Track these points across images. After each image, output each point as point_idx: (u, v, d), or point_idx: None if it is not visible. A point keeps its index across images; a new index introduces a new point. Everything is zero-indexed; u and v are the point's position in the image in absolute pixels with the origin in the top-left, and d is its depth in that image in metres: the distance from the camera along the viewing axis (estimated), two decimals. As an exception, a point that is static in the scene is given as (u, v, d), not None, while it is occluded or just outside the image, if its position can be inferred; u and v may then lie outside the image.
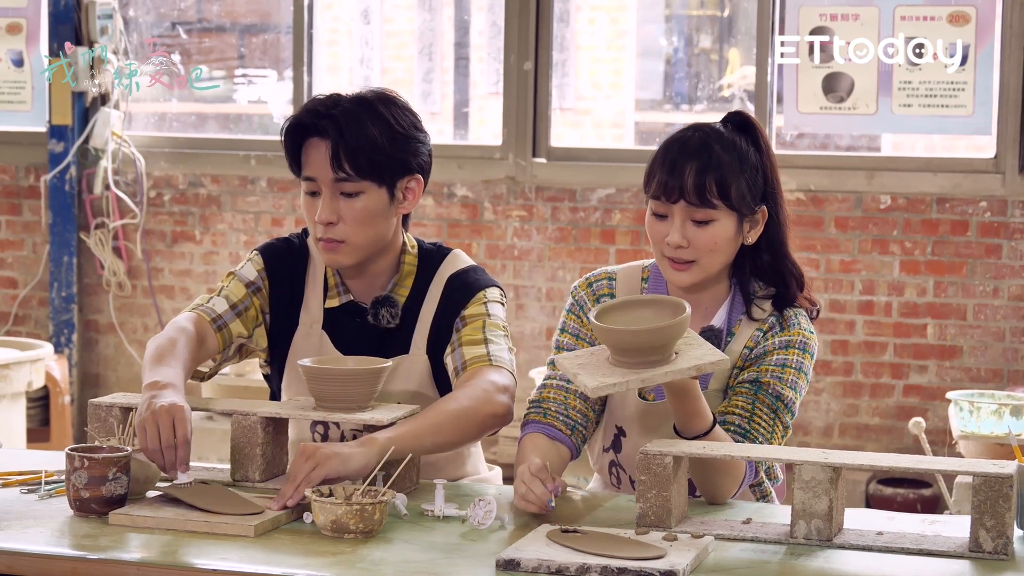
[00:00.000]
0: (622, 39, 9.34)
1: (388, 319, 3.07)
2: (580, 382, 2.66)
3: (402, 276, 3.10)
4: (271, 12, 7.48)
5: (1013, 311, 6.00)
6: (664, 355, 2.66)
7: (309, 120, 3.00)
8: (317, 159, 2.99)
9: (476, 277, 3.11)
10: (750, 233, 2.92)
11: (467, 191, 6.51)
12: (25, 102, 6.94)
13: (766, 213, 2.93)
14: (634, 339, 2.64)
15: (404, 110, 3.04)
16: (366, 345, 3.07)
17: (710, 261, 2.89)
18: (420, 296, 3.10)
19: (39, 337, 6.90)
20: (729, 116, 2.97)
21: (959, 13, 5.90)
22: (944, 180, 6.03)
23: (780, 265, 2.96)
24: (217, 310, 3.06)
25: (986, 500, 2.49)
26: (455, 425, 2.88)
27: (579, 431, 2.95)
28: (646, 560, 2.37)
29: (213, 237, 6.82)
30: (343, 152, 2.96)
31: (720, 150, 2.87)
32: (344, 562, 2.41)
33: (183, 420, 2.67)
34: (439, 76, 9.42)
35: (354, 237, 3.00)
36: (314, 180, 3.00)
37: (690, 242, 2.87)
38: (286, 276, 3.14)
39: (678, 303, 2.70)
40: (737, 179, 2.86)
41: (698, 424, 2.76)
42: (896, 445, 6.07)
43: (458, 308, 3.06)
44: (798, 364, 2.91)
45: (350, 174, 2.97)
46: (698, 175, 2.84)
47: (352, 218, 2.99)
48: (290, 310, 3.14)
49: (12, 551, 2.48)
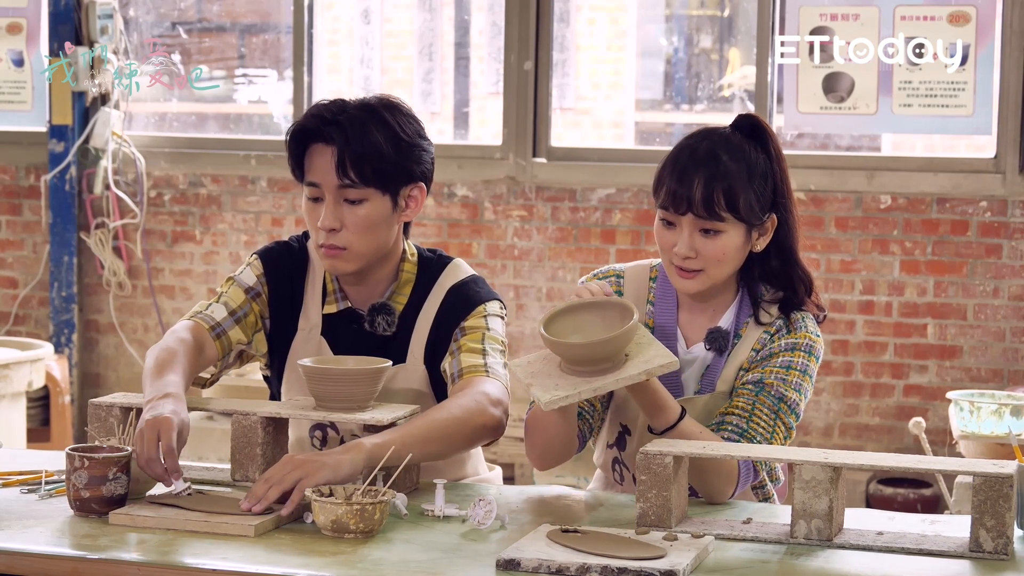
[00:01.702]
0: (622, 39, 9.34)
1: (384, 327, 3.06)
2: (533, 395, 2.69)
3: (400, 284, 3.09)
4: (271, 12, 7.48)
5: (1013, 311, 6.00)
6: (615, 361, 2.69)
7: (314, 126, 2.97)
8: (321, 165, 2.97)
9: (477, 289, 3.09)
10: (759, 241, 2.91)
11: (467, 191, 6.51)
12: (25, 102, 6.94)
13: (775, 221, 2.92)
14: (583, 351, 2.68)
15: (409, 117, 3.03)
16: (362, 353, 3.04)
17: (718, 271, 2.89)
18: (418, 305, 3.08)
19: (39, 337, 6.90)
20: (739, 120, 2.95)
21: (959, 13, 5.90)
22: (944, 180, 6.03)
23: (789, 270, 2.95)
24: (216, 317, 3.05)
25: (986, 500, 2.49)
26: (444, 435, 2.83)
27: (585, 419, 2.95)
28: (646, 560, 2.37)
29: (213, 237, 6.82)
30: (348, 159, 2.94)
31: (729, 160, 2.85)
32: (344, 562, 2.41)
33: (168, 430, 2.64)
34: (439, 76, 9.42)
35: (356, 244, 2.99)
36: (317, 186, 2.98)
37: (698, 252, 2.86)
38: (285, 281, 3.13)
39: (626, 306, 2.71)
40: (746, 190, 2.85)
41: (663, 417, 2.78)
42: (896, 445, 6.07)
43: (458, 319, 3.04)
44: (803, 367, 2.90)
45: (354, 181, 2.95)
46: (706, 187, 2.82)
47: (355, 225, 2.97)
48: (289, 315, 3.13)
49: (12, 551, 2.48)
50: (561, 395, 2.66)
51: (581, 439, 2.96)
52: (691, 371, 2.95)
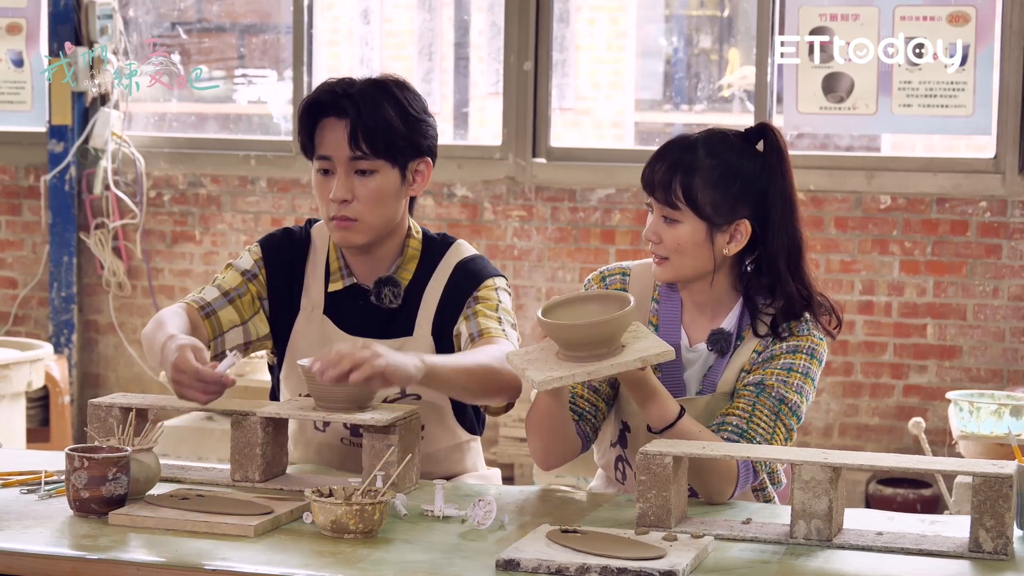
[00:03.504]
0: (622, 39, 9.34)
1: (391, 298, 3.11)
2: (528, 377, 2.70)
3: (406, 260, 3.15)
4: (271, 12, 7.48)
5: (1013, 311, 6.00)
6: (611, 348, 2.70)
7: (327, 99, 3.05)
8: (333, 138, 3.04)
9: (483, 265, 3.18)
10: (728, 245, 2.91)
11: (467, 191, 6.51)
12: (25, 102, 6.94)
13: (748, 229, 2.90)
14: (578, 333, 2.69)
15: (415, 94, 3.12)
16: (369, 327, 3.10)
17: (680, 261, 2.90)
18: (423, 280, 3.14)
19: (39, 337, 6.90)
20: (754, 127, 2.97)
21: (959, 13, 5.90)
22: (944, 180, 6.03)
23: (784, 287, 2.91)
24: (207, 298, 3.12)
25: (986, 500, 2.49)
26: (483, 376, 2.90)
27: (587, 419, 2.96)
28: (646, 560, 2.37)
29: (213, 237, 6.82)
30: (361, 131, 3.02)
31: (704, 155, 2.88)
32: (344, 562, 2.42)
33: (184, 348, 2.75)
34: (439, 76, 9.42)
35: (367, 216, 3.05)
36: (329, 159, 3.06)
37: (660, 238, 2.89)
38: (286, 263, 3.18)
39: (624, 297, 2.74)
40: (710, 187, 2.86)
41: (661, 415, 2.78)
42: (896, 445, 6.07)
43: (468, 291, 3.12)
44: (805, 369, 2.90)
45: (366, 153, 3.03)
46: (667, 172, 2.87)
47: (366, 196, 3.05)
48: (290, 296, 3.18)
49: (12, 551, 2.48)
50: (555, 376, 2.66)
51: (585, 439, 2.96)
52: (693, 370, 2.95)
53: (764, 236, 2.91)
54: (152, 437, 2.78)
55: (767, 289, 2.93)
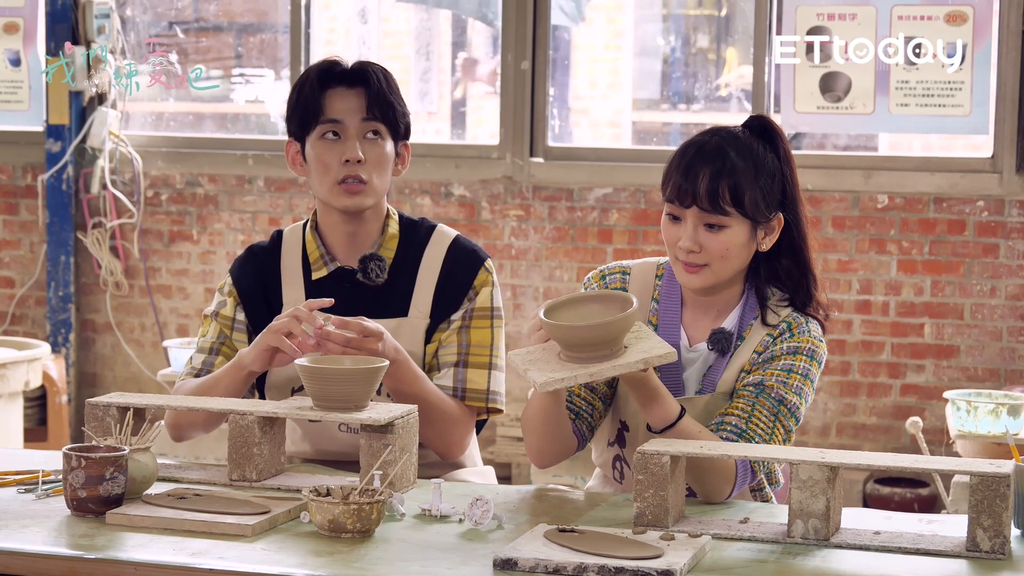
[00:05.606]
0: (619, 39, 9.34)
1: (377, 272, 3.18)
2: (530, 378, 2.70)
3: (387, 238, 3.24)
4: (268, 12, 7.48)
5: (1010, 310, 6.00)
6: (613, 349, 2.70)
7: (339, 70, 3.17)
8: (344, 105, 3.15)
9: (474, 247, 3.27)
10: (764, 240, 2.92)
11: (464, 191, 6.51)
12: (22, 101, 6.94)
13: (782, 220, 2.93)
14: (582, 334, 2.69)
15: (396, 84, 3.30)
16: (360, 307, 3.14)
17: (721, 266, 2.89)
18: (412, 260, 3.21)
19: (36, 337, 6.90)
20: (750, 120, 2.97)
21: (956, 13, 5.90)
22: (941, 179, 6.04)
23: (800, 270, 2.96)
24: (197, 365, 3.23)
25: (983, 499, 2.49)
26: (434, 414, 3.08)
27: (584, 418, 2.96)
28: (643, 560, 2.37)
29: (210, 237, 6.82)
30: (377, 98, 3.15)
31: (736, 156, 2.87)
32: (341, 562, 2.41)
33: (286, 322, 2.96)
34: (436, 76, 9.42)
35: (375, 180, 3.17)
36: (339, 122, 3.15)
37: (702, 247, 2.87)
38: (255, 272, 3.26)
39: (626, 298, 2.74)
40: (752, 186, 2.86)
41: (662, 415, 2.78)
42: (893, 444, 6.07)
43: (466, 276, 3.19)
44: (804, 371, 2.91)
45: (378, 118, 3.16)
46: (711, 180, 2.84)
47: (375, 160, 3.16)
48: (266, 299, 3.24)
49: (9, 551, 2.48)
50: (557, 377, 2.66)
51: (581, 438, 2.96)
52: (693, 370, 2.95)
53: (788, 222, 2.95)
54: (149, 437, 2.78)
55: (783, 275, 2.95)
